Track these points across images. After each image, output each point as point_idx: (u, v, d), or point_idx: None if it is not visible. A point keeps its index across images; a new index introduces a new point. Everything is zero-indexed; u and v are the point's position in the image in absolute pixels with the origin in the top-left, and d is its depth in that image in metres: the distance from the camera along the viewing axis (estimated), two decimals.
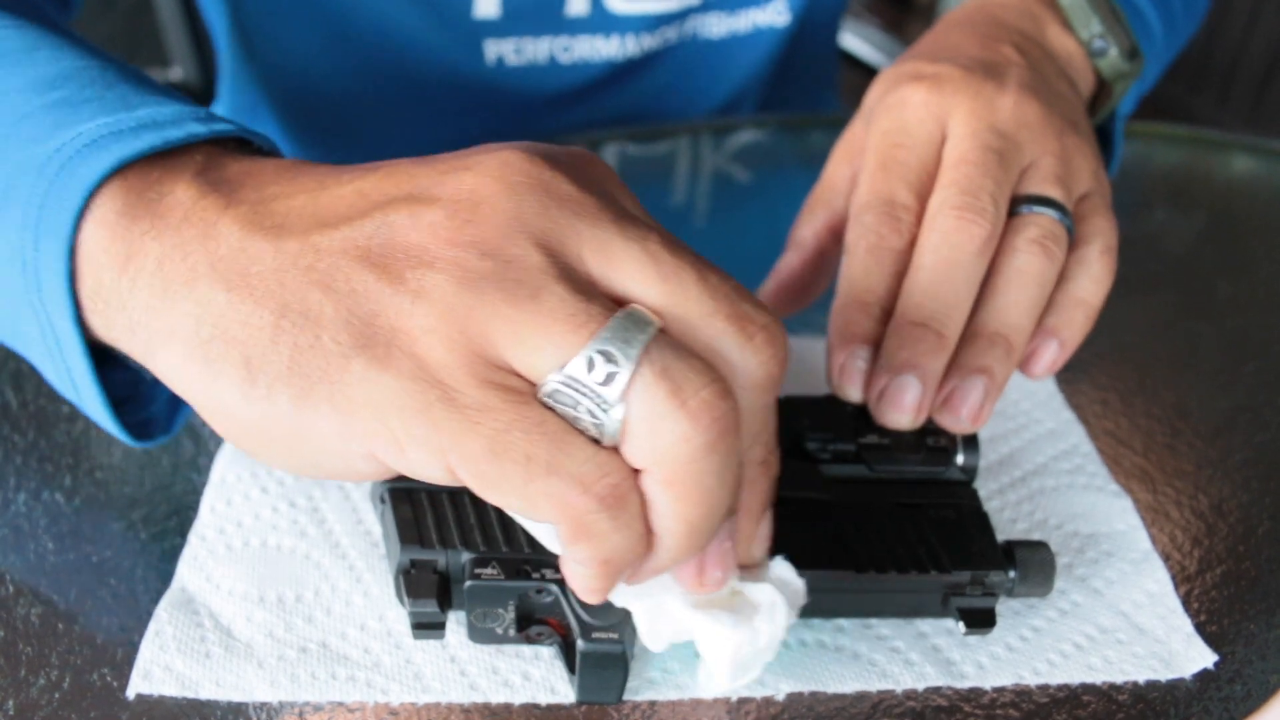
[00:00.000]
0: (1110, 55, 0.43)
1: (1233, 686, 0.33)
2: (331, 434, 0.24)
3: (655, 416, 0.22)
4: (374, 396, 0.23)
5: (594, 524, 0.23)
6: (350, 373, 0.23)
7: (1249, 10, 1.86)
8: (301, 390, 0.23)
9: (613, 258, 0.24)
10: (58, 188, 0.26)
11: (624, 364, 0.22)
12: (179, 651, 0.32)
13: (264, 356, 0.24)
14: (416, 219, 0.24)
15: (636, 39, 0.62)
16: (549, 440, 0.22)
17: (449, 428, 0.22)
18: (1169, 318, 0.50)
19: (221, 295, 0.24)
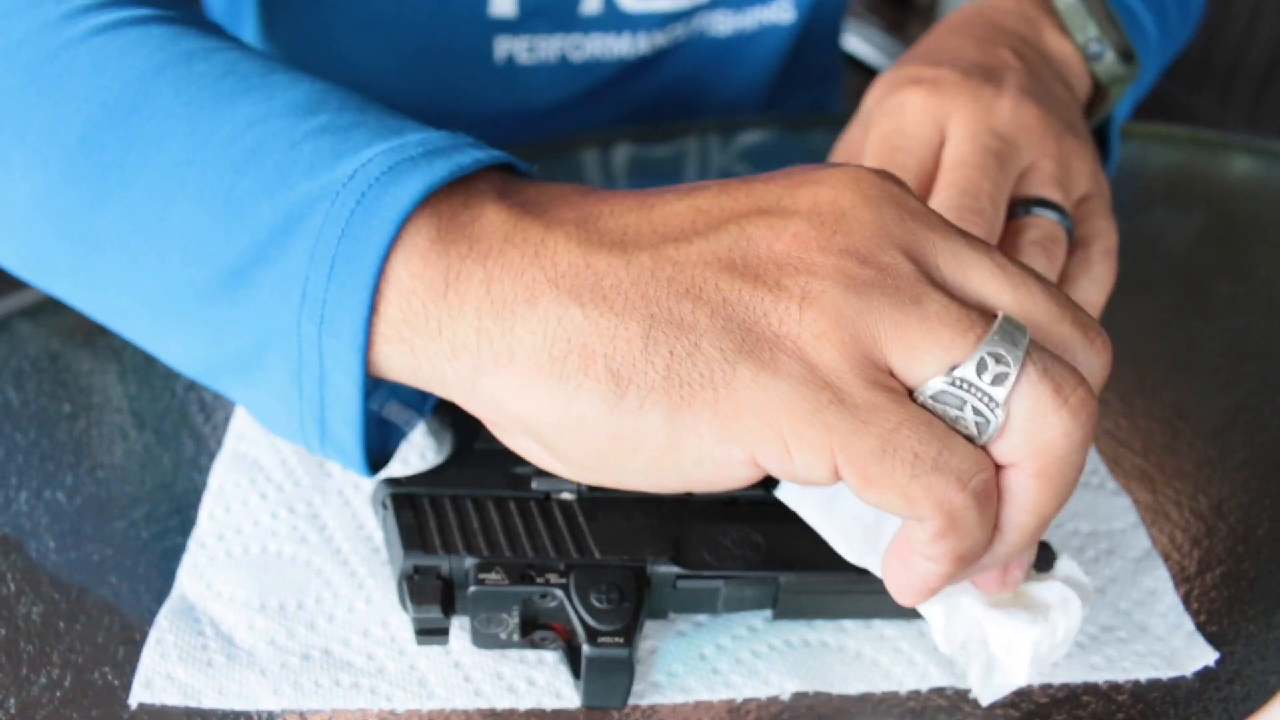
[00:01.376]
0: (1106, 59, 0.44)
1: (1232, 687, 0.33)
2: (711, 441, 0.24)
3: (1040, 414, 0.23)
4: (762, 400, 0.23)
5: (964, 519, 0.24)
6: (737, 378, 0.23)
7: (1249, 10, 1.86)
8: (681, 399, 0.23)
9: (967, 267, 0.25)
10: (361, 215, 0.25)
11: (1013, 365, 0.23)
12: (180, 660, 0.31)
13: (635, 368, 0.24)
14: (778, 230, 0.24)
15: (648, 36, 0.62)
16: (936, 438, 0.23)
17: (840, 429, 0.23)
18: (1169, 318, 0.50)
19: (575, 310, 0.24)
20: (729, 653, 0.33)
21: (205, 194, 0.27)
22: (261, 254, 0.26)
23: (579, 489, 0.33)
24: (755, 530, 0.32)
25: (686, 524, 0.32)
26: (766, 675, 0.32)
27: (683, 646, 0.33)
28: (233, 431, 0.40)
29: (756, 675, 0.32)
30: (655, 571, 0.31)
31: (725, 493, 0.33)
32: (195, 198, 0.27)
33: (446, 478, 0.33)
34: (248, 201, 0.27)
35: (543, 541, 0.31)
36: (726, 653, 0.33)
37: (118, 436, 0.40)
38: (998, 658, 0.29)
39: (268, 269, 0.26)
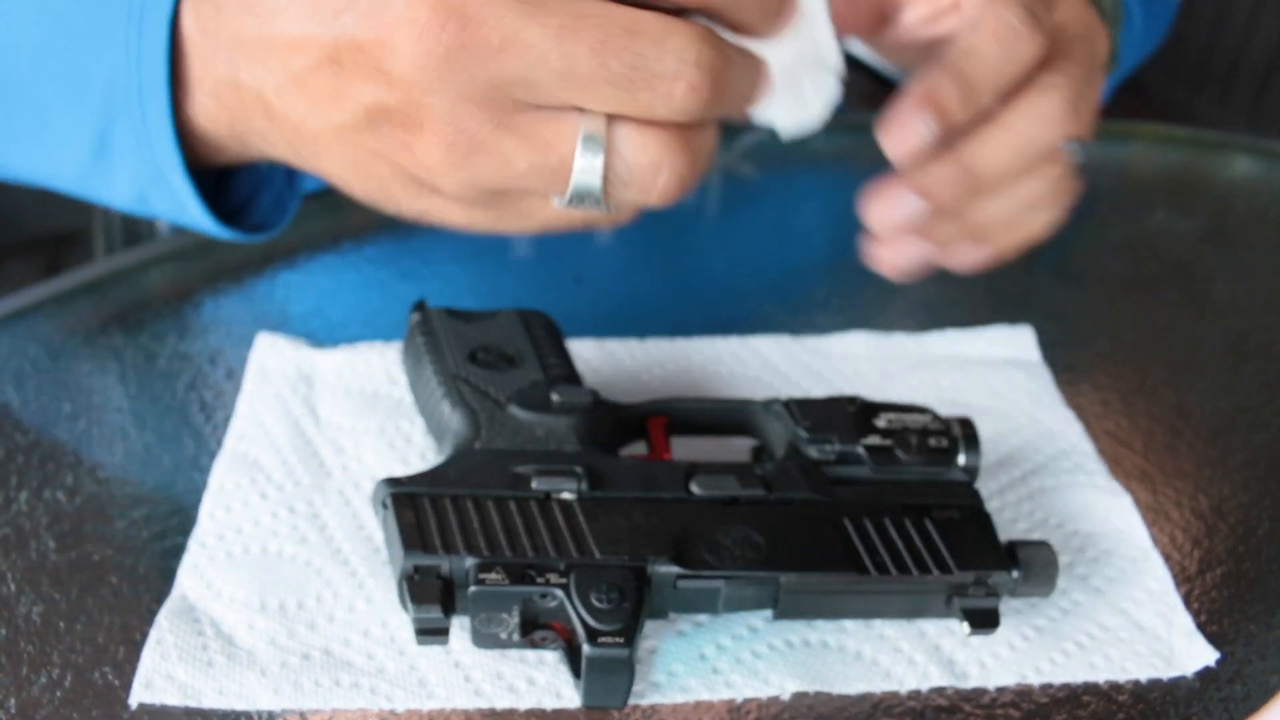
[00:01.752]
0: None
1: (1233, 687, 0.33)
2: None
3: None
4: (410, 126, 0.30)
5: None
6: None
7: (1249, 11, 1.86)
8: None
9: (525, 62, 0.28)
10: (145, 45, 0.34)
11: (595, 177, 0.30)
12: (180, 660, 0.31)
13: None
14: None
15: None
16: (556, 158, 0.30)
17: (475, 162, 0.30)
18: (1169, 318, 0.50)
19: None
20: (729, 653, 0.33)
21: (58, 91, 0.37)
22: (110, 120, 0.36)
23: (579, 489, 0.33)
24: (755, 530, 0.32)
25: (687, 524, 0.32)
26: (767, 675, 0.32)
27: (683, 646, 0.33)
28: (233, 431, 0.40)
29: (757, 675, 0.32)
30: (655, 571, 0.31)
31: (726, 493, 0.33)
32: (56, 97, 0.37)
33: (446, 478, 0.33)
34: (85, 87, 0.36)
35: (543, 541, 0.31)
36: (727, 653, 0.33)
37: (118, 436, 0.40)
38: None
39: (120, 128, 0.36)
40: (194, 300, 0.47)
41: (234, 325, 0.46)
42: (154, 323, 0.46)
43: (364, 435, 0.40)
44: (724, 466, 0.34)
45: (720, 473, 0.34)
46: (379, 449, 0.39)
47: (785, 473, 0.34)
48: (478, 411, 0.35)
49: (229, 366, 0.43)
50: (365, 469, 0.38)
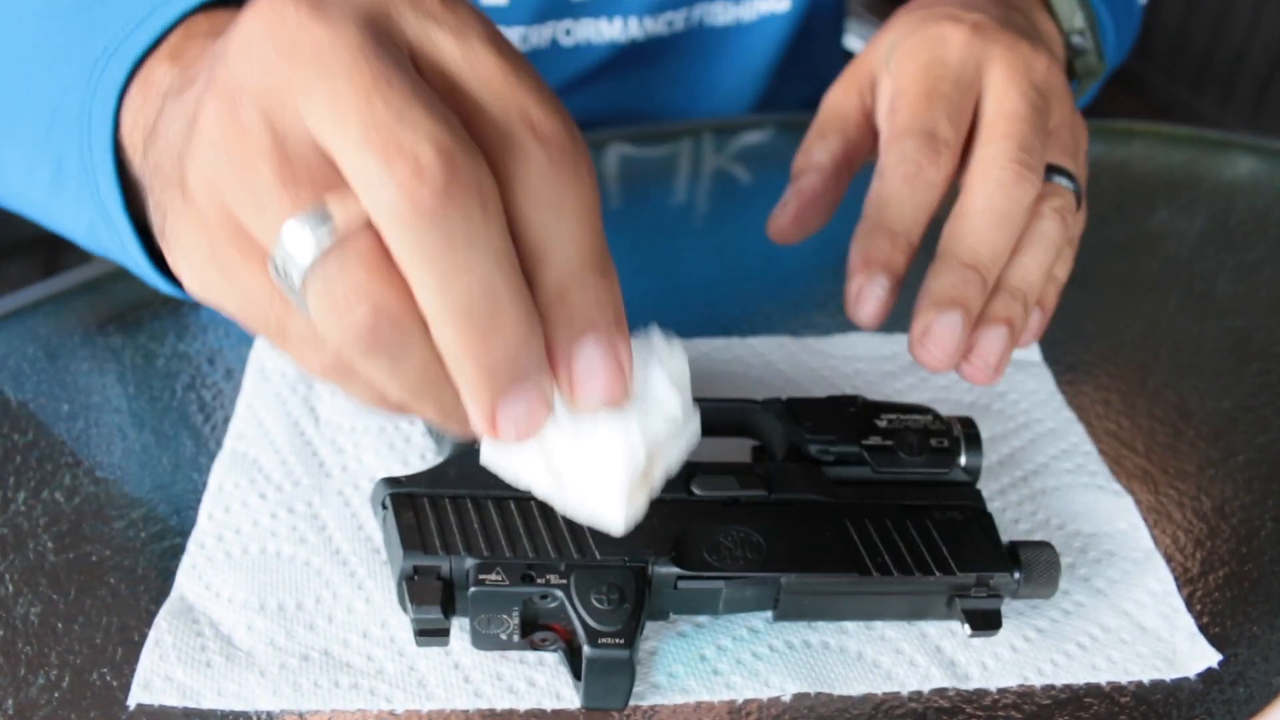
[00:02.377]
0: (1088, 52, 0.44)
1: (1235, 689, 0.33)
2: (175, 264, 0.27)
3: (322, 323, 0.23)
4: (180, 249, 0.26)
5: (328, 377, 0.25)
6: (169, 234, 0.27)
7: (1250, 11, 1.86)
8: (166, 249, 0.28)
9: (312, 106, 0.22)
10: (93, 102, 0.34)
11: (300, 270, 0.23)
12: (179, 661, 0.31)
13: (153, 214, 0.29)
14: (207, 76, 0.26)
15: (640, 22, 0.62)
16: (274, 314, 0.25)
17: (217, 287, 0.25)
18: (1171, 318, 0.50)
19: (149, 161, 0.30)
20: (730, 654, 0.33)
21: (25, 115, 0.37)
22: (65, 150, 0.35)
23: None
24: (756, 531, 0.32)
25: (687, 525, 0.32)
26: (767, 677, 0.32)
27: (683, 648, 0.33)
28: (232, 432, 0.40)
29: (757, 677, 0.32)
30: (656, 572, 0.31)
31: (726, 494, 0.33)
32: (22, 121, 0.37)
33: (446, 478, 0.33)
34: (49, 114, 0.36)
35: (543, 542, 0.31)
36: (727, 654, 0.33)
37: (116, 436, 0.40)
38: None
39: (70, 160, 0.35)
40: (193, 300, 0.47)
41: (233, 325, 0.45)
42: (153, 322, 0.46)
43: (363, 436, 0.40)
44: (724, 467, 0.34)
45: (720, 473, 0.34)
46: (378, 449, 0.39)
47: (786, 473, 0.34)
48: None
49: (228, 366, 0.43)
50: (365, 469, 0.38)
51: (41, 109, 0.36)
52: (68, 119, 0.35)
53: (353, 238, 0.22)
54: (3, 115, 0.38)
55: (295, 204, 0.22)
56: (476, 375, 0.23)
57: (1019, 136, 0.34)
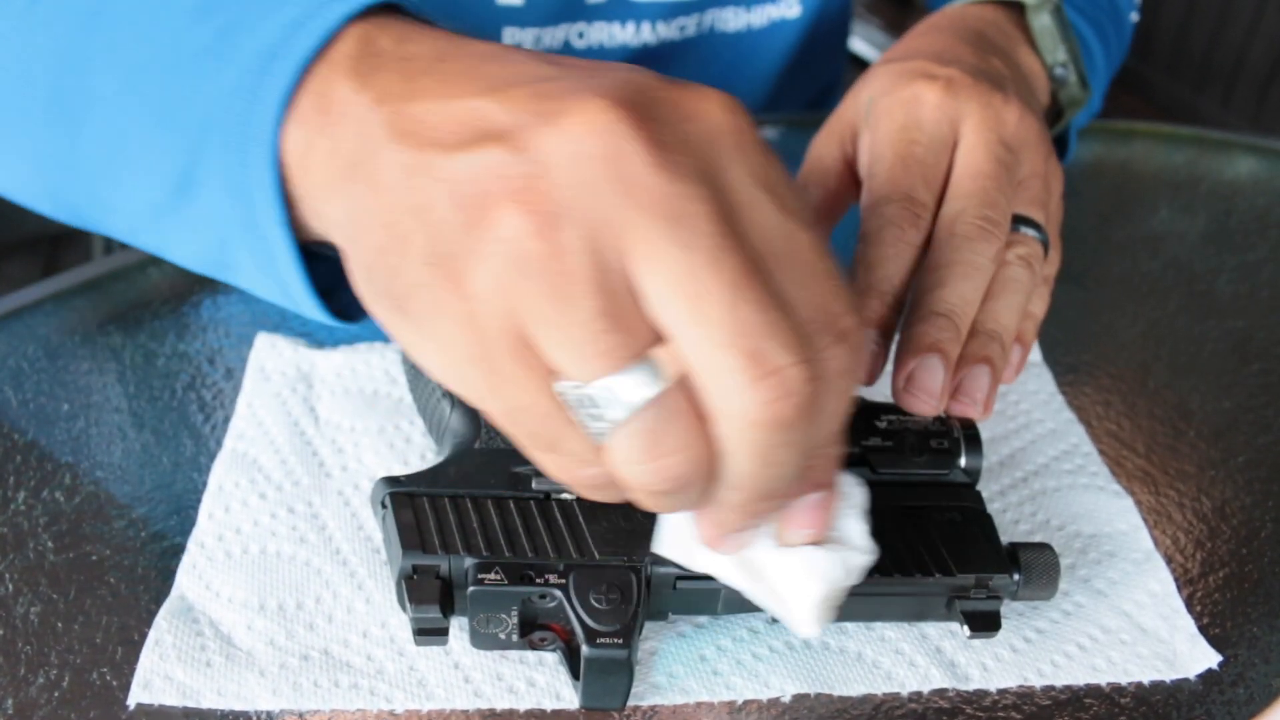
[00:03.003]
0: (1070, 84, 0.46)
1: (1235, 690, 0.33)
2: (413, 347, 0.26)
3: (630, 460, 0.24)
4: (433, 333, 0.25)
5: (581, 487, 0.26)
6: (417, 307, 0.25)
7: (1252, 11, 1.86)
8: (391, 308, 0.26)
9: (654, 262, 0.23)
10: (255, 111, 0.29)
11: (615, 416, 0.24)
12: (179, 660, 0.31)
13: (373, 270, 0.26)
14: (503, 165, 0.24)
15: (652, 27, 0.62)
16: (551, 430, 0.25)
17: (479, 384, 0.25)
18: (1172, 318, 0.50)
19: (358, 201, 0.26)
20: (730, 654, 0.33)
21: (144, 116, 0.31)
22: (197, 158, 0.30)
23: None
24: None
25: None
26: (767, 677, 0.32)
27: (683, 648, 0.33)
28: (232, 431, 0.40)
29: (757, 677, 0.32)
30: (655, 572, 0.31)
31: None
32: (138, 121, 0.32)
33: (446, 477, 0.32)
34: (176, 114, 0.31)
35: (542, 542, 0.31)
36: (727, 654, 0.33)
37: (116, 436, 0.40)
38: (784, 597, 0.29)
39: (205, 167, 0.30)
40: (193, 300, 0.47)
41: (233, 325, 0.45)
42: (153, 322, 0.46)
43: (363, 435, 0.40)
44: None
45: None
46: (378, 449, 0.39)
47: None
48: (477, 411, 0.35)
49: (228, 366, 0.43)
50: (365, 469, 0.38)
51: (157, 114, 0.31)
52: (201, 125, 0.30)
53: (674, 393, 0.23)
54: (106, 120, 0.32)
55: (619, 348, 0.23)
56: (734, 518, 0.26)
57: (982, 194, 0.36)
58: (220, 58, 0.30)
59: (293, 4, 0.29)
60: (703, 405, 0.23)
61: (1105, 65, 0.54)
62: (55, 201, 0.37)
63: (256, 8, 0.30)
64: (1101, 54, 0.53)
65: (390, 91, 0.26)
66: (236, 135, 0.29)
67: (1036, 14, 0.46)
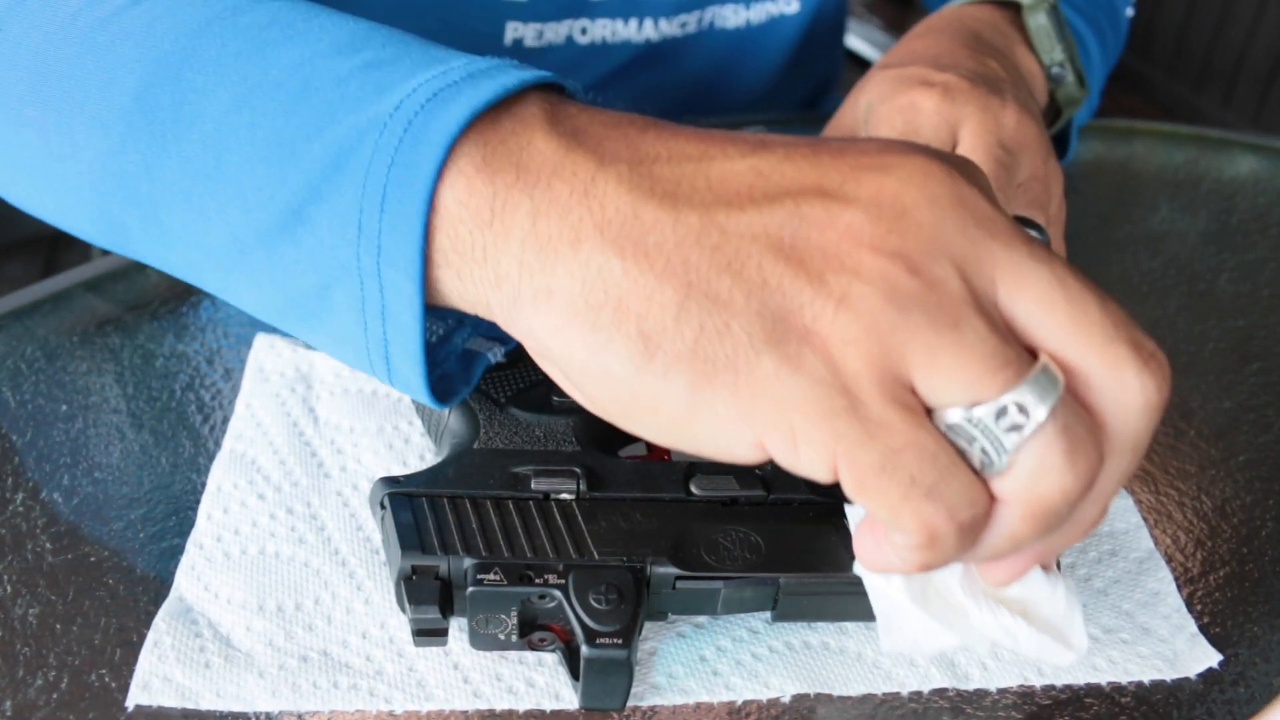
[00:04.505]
0: (1067, 83, 0.46)
1: (1236, 689, 0.33)
2: (725, 419, 0.24)
3: (1045, 469, 0.23)
4: (779, 393, 0.23)
5: (944, 542, 0.24)
6: (760, 367, 0.23)
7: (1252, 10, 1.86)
8: (703, 375, 0.24)
9: (1023, 283, 0.24)
10: (409, 144, 0.25)
11: (1031, 419, 0.23)
12: (178, 662, 0.31)
13: (665, 334, 0.24)
14: (833, 217, 0.23)
15: (655, 23, 0.63)
16: (937, 469, 0.23)
17: (848, 437, 0.23)
18: (1172, 317, 0.50)
19: (616, 262, 0.24)
20: (729, 655, 0.33)
21: (257, 138, 0.28)
22: (316, 192, 0.27)
23: (578, 490, 0.32)
24: (755, 531, 0.32)
25: (686, 525, 0.32)
26: (767, 678, 0.32)
27: (683, 648, 0.33)
28: (231, 432, 0.40)
29: (757, 677, 0.32)
30: (654, 572, 0.31)
31: (725, 494, 0.33)
32: (248, 143, 0.28)
33: (445, 478, 0.32)
34: (298, 141, 0.27)
35: (541, 542, 0.31)
36: (727, 655, 0.33)
37: (115, 437, 0.40)
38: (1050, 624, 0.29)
39: (323, 206, 0.27)
40: (192, 300, 0.47)
41: (231, 325, 0.45)
42: (151, 322, 0.46)
43: (362, 436, 0.40)
44: (723, 467, 0.34)
45: (719, 473, 0.34)
46: (377, 450, 0.39)
47: (785, 473, 0.34)
48: (476, 411, 0.35)
49: (226, 367, 0.43)
50: (364, 470, 0.38)
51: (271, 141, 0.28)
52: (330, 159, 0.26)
53: (1068, 395, 0.24)
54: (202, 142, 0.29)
55: (1016, 360, 0.23)
56: (1097, 507, 0.25)
57: None
58: (366, 91, 0.27)
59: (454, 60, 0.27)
60: (1093, 402, 0.24)
61: (1102, 62, 0.54)
62: (101, 225, 0.33)
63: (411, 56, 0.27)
64: (1098, 50, 0.53)
65: (613, 154, 0.25)
66: (379, 175, 0.26)
67: (1033, 14, 0.46)
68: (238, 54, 0.29)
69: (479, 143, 0.25)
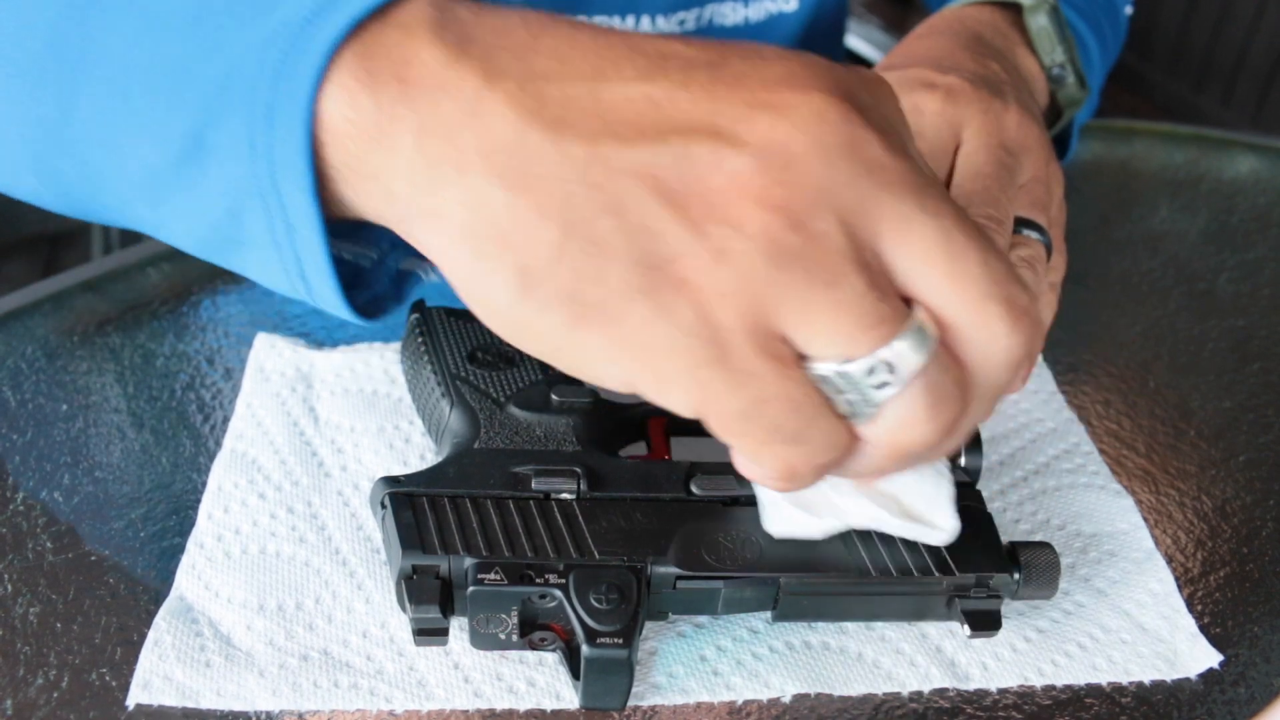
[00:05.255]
0: (1068, 84, 0.46)
1: (1236, 689, 0.33)
2: (596, 358, 0.24)
3: (909, 421, 0.25)
4: (650, 340, 0.23)
5: (805, 477, 0.26)
6: (631, 314, 0.23)
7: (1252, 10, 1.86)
8: (576, 315, 0.24)
9: (907, 234, 0.24)
10: (292, 58, 0.25)
11: (899, 379, 0.24)
12: (179, 661, 0.31)
13: (543, 271, 0.23)
14: (720, 160, 0.23)
15: (653, 21, 0.63)
16: (800, 417, 0.24)
17: (714, 386, 0.24)
18: (1172, 317, 0.50)
19: (499, 193, 0.23)
20: (730, 654, 0.33)
21: (156, 69, 0.27)
22: (212, 115, 0.26)
23: (579, 489, 0.32)
24: (755, 531, 0.32)
25: (686, 524, 0.32)
26: (767, 677, 0.32)
27: (683, 648, 0.33)
28: (232, 431, 0.40)
29: (757, 677, 0.32)
30: (655, 572, 0.31)
31: (725, 493, 0.33)
32: (148, 74, 0.28)
33: (445, 477, 0.32)
34: (193, 67, 0.27)
35: (542, 542, 0.31)
36: (727, 654, 0.33)
37: (115, 436, 0.40)
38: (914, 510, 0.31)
39: (220, 128, 0.26)
40: (192, 300, 0.47)
41: (232, 325, 0.45)
42: (152, 322, 0.46)
43: (363, 436, 0.40)
44: (724, 466, 0.34)
45: (720, 473, 0.34)
46: (378, 449, 0.39)
47: None
48: (477, 411, 0.35)
49: (227, 366, 0.43)
50: (364, 469, 0.38)
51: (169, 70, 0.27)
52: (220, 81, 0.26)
53: (942, 349, 0.24)
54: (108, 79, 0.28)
55: (891, 316, 0.24)
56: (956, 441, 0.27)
57: (984, 194, 0.36)
58: (255, 8, 0.26)
59: None
60: (962, 354, 0.25)
61: (1101, 62, 0.54)
62: (42, 178, 0.33)
63: None
64: (1098, 50, 0.53)
65: (500, 68, 0.24)
66: (265, 91, 0.25)
67: (1033, 15, 0.46)
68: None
69: (362, 55, 0.25)
